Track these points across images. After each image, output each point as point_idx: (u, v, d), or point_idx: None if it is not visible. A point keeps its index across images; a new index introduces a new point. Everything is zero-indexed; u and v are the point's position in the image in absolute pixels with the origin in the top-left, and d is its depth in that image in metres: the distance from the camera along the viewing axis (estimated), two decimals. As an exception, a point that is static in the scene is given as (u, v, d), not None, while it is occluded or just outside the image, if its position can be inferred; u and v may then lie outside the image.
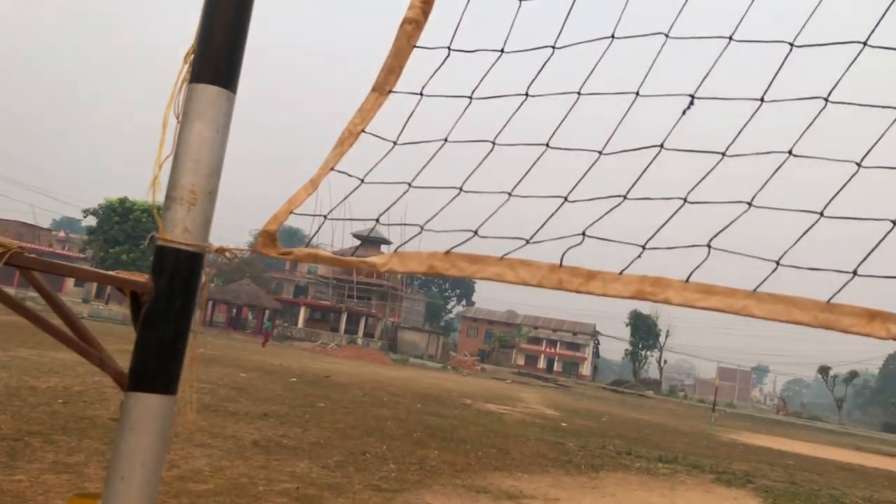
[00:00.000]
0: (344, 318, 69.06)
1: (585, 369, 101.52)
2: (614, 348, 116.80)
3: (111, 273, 1.88)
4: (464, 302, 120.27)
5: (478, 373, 62.47)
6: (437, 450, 11.88)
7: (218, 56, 1.88)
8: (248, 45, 1.92)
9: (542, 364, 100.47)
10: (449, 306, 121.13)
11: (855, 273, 1.35)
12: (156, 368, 1.78)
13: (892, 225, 1.35)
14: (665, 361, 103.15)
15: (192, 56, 1.89)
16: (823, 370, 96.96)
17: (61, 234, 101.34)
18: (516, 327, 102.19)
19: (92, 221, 68.70)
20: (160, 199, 1.86)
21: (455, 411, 19.99)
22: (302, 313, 71.00)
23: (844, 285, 1.35)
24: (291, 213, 1.84)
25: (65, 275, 1.86)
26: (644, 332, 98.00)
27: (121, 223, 64.26)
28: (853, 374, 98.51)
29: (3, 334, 19.59)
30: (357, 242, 69.58)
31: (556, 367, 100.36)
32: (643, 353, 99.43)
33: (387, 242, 68.22)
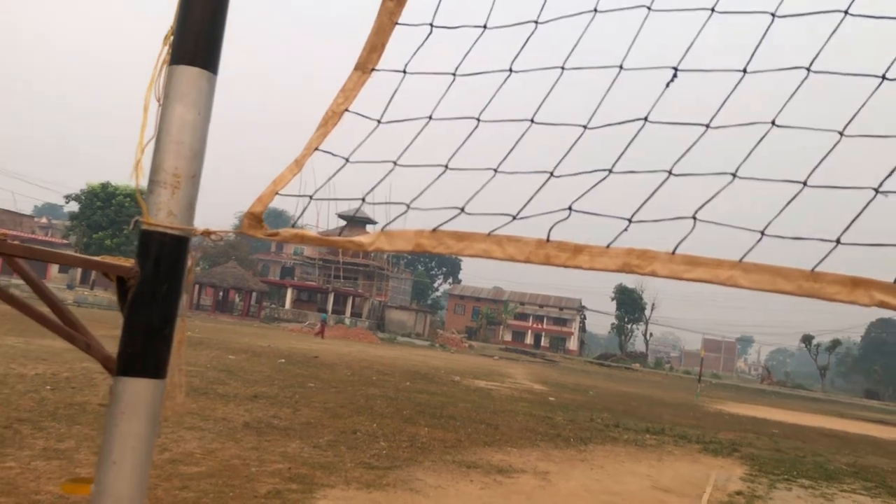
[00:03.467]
0: (331, 298, 69.01)
1: (572, 344, 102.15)
2: (600, 322, 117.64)
3: (97, 258, 1.87)
4: (450, 280, 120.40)
5: (465, 350, 62.71)
6: (427, 427, 11.96)
7: (198, 37, 1.85)
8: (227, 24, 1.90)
9: (529, 340, 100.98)
10: (436, 284, 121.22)
11: (838, 242, 1.36)
12: (144, 353, 1.78)
13: (874, 193, 1.36)
14: (651, 334, 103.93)
15: (172, 37, 1.86)
16: (807, 339, 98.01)
17: (43, 220, 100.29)
18: (503, 304, 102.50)
19: (74, 207, 68.01)
20: (143, 183, 1.84)
21: (444, 388, 20.10)
22: (289, 294, 70.86)
23: (828, 254, 1.37)
24: (277, 193, 1.83)
25: (50, 261, 1.84)
26: (629, 305, 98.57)
27: (103, 208, 63.64)
28: (836, 343, 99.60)
29: (-12, 322, 19.45)
30: (342, 223, 69.38)
31: (544, 342, 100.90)
32: (629, 326, 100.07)
33: (372, 222, 68.07)
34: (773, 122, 1.52)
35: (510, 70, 1.80)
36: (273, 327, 51.95)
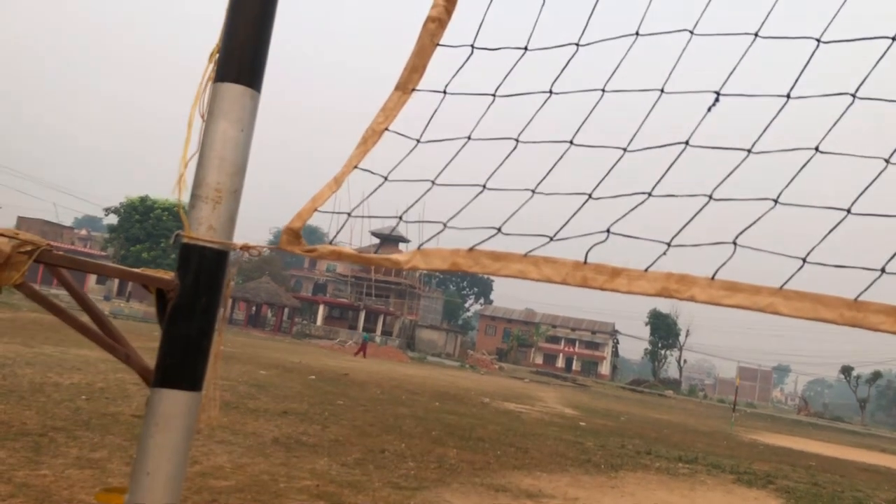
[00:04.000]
0: (362, 315, 69.26)
1: (604, 368, 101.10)
2: (633, 347, 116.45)
3: (137, 270, 1.90)
4: (482, 300, 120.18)
5: (496, 371, 62.37)
6: (456, 448, 11.89)
7: (242, 55, 1.89)
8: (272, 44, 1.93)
9: (560, 363, 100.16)
10: (467, 304, 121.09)
11: (883, 271, 1.33)
12: (181, 365, 1.80)
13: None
14: (685, 361, 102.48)
15: (217, 55, 1.90)
16: (846, 370, 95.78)
17: (83, 232, 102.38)
18: (535, 326, 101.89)
19: (113, 220, 69.44)
20: (185, 197, 1.88)
21: (473, 410, 19.99)
22: (321, 311, 71.29)
23: (872, 283, 1.34)
24: (316, 210, 1.85)
25: (93, 272, 1.88)
26: (664, 331, 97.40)
27: (141, 221, 64.85)
28: (877, 375, 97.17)
29: (28, 331, 19.85)
30: (375, 240, 69.76)
31: (575, 366, 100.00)
32: (663, 352, 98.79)
33: (405, 240, 68.37)
34: (816, 149, 1.50)
35: (550, 91, 1.81)
36: (304, 343, 52.23)
